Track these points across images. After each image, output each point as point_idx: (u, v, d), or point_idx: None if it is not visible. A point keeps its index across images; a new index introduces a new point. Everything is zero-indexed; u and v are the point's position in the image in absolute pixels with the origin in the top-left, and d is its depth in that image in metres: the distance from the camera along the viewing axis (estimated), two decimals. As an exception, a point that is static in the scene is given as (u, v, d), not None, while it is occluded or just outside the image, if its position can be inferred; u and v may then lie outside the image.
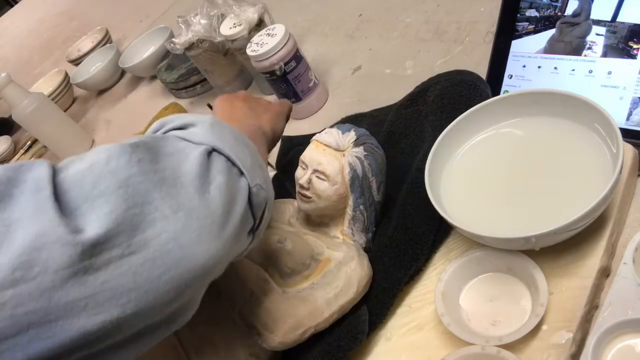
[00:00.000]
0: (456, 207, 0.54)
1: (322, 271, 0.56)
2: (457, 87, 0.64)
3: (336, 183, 0.57)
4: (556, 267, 0.50)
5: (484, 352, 0.46)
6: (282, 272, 0.55)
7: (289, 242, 0.56)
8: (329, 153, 0.57)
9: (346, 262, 0.56)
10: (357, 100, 0.88)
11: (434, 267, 0.57)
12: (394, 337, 0.55)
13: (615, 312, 0.45)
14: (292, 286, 0.55)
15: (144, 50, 1.34)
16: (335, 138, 0.58)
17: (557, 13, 0.61)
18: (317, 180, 0.57)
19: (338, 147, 0.57)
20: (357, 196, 0.58)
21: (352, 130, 0.59)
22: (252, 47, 0.83)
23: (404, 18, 0.97)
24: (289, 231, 0.59)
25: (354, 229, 0.59)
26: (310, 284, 0.55)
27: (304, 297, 0.53)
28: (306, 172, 0.58)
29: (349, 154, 0.57)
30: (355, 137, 0.58)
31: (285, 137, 0.83)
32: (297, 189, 0.58)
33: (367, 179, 0.58)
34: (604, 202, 0.46)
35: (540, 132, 0.55)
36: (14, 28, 2.61)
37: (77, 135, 1.28)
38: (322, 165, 0.57)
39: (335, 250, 0.57)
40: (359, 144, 0.58)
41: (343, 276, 0.55)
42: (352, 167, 0.57)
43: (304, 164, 0.59)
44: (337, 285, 0.54)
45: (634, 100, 0.56)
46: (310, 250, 0.57)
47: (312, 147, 0.59)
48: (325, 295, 0.54)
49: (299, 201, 0.59)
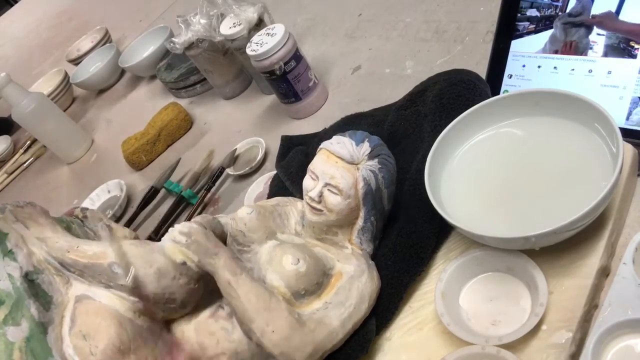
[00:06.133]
0: (456, 207, 0.54)
1: (334, 287, 0.55)
2: (456, 87, 0.64)
3: (349, 197, 0.55)
4: (556, 266, 0.50)
5: (483, 352, 0.46)
6: (295, 294, 0.54)
7: (302, 263, 0.54)
8: (342, 166, 0.54)
9: (357, 276, 0.55)
10: (356, 100, 0.88)
11: (434, 267, 0.57)
12: (394, 337, 0.55)
13: (615, 312, 0.45)
14: (306, 307, 0.54)
15: (143, 50, 1.34)
16: (349, 150, 0.55)
17: (557, 13, 0.61)
18: (329, 193, 0.55)
19: (352, 161, 0.55)
20: (369, 209, 0.56)
21: (366, 140, 0.56)
22: (252, 47, 0.83)
23: (403, 18, 0.97)
24: (300, 247, 0.57)
25: (363, 238, 0.58)
26: (324, 303, 0.54)
27: (319, 319, 0.52)
28: (317, 183, 0.55)
29: (364, 167, 0.55)
30: (370, 149, 0.55)
31: (285, 137, 0.83)
32: (307, 200, 0.56)
33: (379, 192, 0.56)
34: (604, 202, 0.46)
35: (540, 132, 0.55)
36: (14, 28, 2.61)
37: (77, 135, 1.28)
38: (335, 180, 0.54)
39: (346, 264, 0.56)
40: (373, 157, 0.55)
41: (355, 292, 0.54)
42: (366, 181, 0.55)
43: (314, 174, 0.56)
44: (350, 303, 0.54)
45: (634, 99, 0.56)
46: (322, 266, 0.55)
47: (323, 157, 0.56)
48: (340, 316, 0.53)
49: (307, 212, 0.57)
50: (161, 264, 0.53)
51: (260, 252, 0.57)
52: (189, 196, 0.89)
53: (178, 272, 0.53)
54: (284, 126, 0.93)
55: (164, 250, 0.54)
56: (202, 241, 0.54)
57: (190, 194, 0.89)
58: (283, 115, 0.95)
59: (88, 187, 1.09)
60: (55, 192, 1.22)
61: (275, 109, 0.98)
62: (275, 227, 0.59)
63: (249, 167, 0.87)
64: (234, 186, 0.89)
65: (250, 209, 0.58)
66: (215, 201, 0.89)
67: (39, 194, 1.25)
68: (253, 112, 1.01)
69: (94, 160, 1.23)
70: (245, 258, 0.58)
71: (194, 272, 0.54)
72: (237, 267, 0.53)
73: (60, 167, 1.29)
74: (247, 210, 0.58)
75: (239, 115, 1.04)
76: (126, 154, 1.06)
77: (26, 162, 1.39)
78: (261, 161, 0.88)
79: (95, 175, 1.17)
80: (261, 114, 1.00)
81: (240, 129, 1.00)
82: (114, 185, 1.03)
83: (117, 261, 0.52)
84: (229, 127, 1.03)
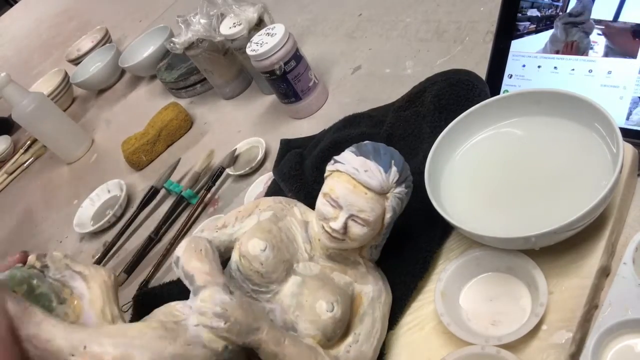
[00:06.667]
0: (456, 207, 0.54)
1: (358, 314, 0.53)
2: (455, 88, 0.64)
3: (376, 228, 0.51)
4: (556, 267, 0.50)
5: (483, 352, 0.46)
6: (331, 338, 0.51)
7: (337, 308, 0.50)
8: (371, 197, 0.49)
9: (377, 297, 0.54)
10: (356, 99, 0.88)
11: (434, 267, 0.57)
12: (393, 336, 0.55)
13: (615, 312, 0.45)
14: (337, 344, 0.52)
15: (143, 50, 1.34)
16: (380, 181, 0.49)
17: (558, 12, 0.61)
18: (353, 224, 0.50)
19: (382, 191, 0.50)
20: (389, 230, 0.55)
21: (393, 164, 0.50)
22: (252, 47, 0.83)
23: (403, 18, 0.97)
24: (328, 285, 0.53)
25: (374, 251, 0.57)
26: (354, 335, 0.52)
27: (355, 357, 0.51)
28: (338, 213, 0.50)
29: (393, 196, 0.50)
30: (398, 176, 0.50)
31: (284, 140, 0.83)
32: (326, 229, 0.51)
33: (400, 211, 0.54)
34: (604, 202, 0.46)
35: (540, 131, 0.55)
36: (14, 28, 2.61)
37: (77, 135, 1.28)
38: (364, 213, 0.49)
39: (364, 284, 0.54)
40: (401, 182, 0.51)
41: (379, 315, 0.53)
42: (394, 210, 0.51)
43: (335, 202, 0.50)
44: (376, 329, 0.53)
45: (634, 99, 0.56)
46: (349, 299, 0.53)
47: (349, 187, 0.50)
48: (371, 346, 0.52)
49: (324, 239, 0.52)
50: (202, 359, 0.45)
51: (282, 292, 0.52)
52: (189, 196, 0.89)
53: (221, 359, 0.46)
54: (284, 126, 0.93)
55: (202, 341, 0.45)
56: (243, 320, 0.46)
57: (191, 194, 0.89)
58: (283, 115, 0.95)
59: (88, 187, 1.09)
60: (55, 192, 1.22)
61: (275, 109, 0.98)
62: (291, 257, 0.54)
63: (249, 167, 0.87)
64: (234, 186, 0.89)
65: (263, 243, 0.52)
66: (215, 201, 0.89)
67: (39, 194, 1.25)
68: (253, 112, 1.01)
69: (94, 160, 1.23)
70: (263, 298, 0.53)
71: (237, 351, 0.48)
72: (279, 335, 0.48)
73: (60, 167, 1.29)
74: (260, 246, 0.52)
75: (239, 115, 1.04)
76: (126, 154, 1.06)
77: (26, 162, 1.40)
78: (261, 161, 0.88)
79: (95, 175, 1.17)
80: (261, 114, 1.00)
81: (240, 129, 1.00)
82: (114, 185, 1.03)
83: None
84: (229, 127, 1.03)
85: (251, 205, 0.59)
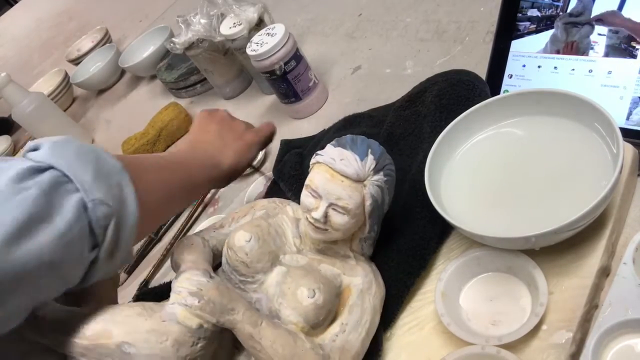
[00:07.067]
0: (456, 207, 0.54)
1: (346, 305, 0.53)
2: (455, 87, 0.64)
3: (356, 216, 0.52)
4: (556, 266, 0.50)
5: (483, 352, 0.46)
6: (314, 325, 0.51)
7: (318, 294, 0.51)
8: (349, 185, 0.50)
9: (367, 288, 0.54)
10: (356, 99, 0.88)
11: (434, 267, 0.57)
12: (393, 336, 0.55)
13: (615, 312, 0.45)
14: (324, 333, 0.52)
15: (143, 50, 1.34)
16: (356, 169, 0.50)
17: (558, 12, 0.61)
18: (334, 213, 0.51)
19: (359, 179, 0.51)
20: (375, 221, 0.55)
21: (370, 153, 0.52)
22: (252, 47, 0.83)
23: (403, 18, 0.98)
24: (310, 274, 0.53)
25: (365, 245, 0.57)
26: (341, 325, 0.52)
27: (341, 347, 0.51)
28: (319, 202, 0.51)
29: (370, 183, 0.51)
30: (375, 163, 0.51)
31: (284, 141, 0.83)
32: (309, 219, 0.52)
33: (384, 202, 0.54)
34: (604, 202, 0.46)
35: (540, 131, 0.55)
36: (14, 28, 2.61)
37: (77, 135, 1.28)
38: (342, 201, 0.50)
39: (353, 276, 0.54)
40: (378, 170, 0.52)
41: (368, 307, 0.53)
42: (374, 198, 0.52)
43: (315, 192, 0.51)
44: (365, 320, 0.52)
45: (634, 99, 0.56)
46: (335, 289, 0.53)
47: (327, 176, 0.51)
48: (359, 337, 0.52)
49: (310, 231, 0.53)
50: (177, 335, 0.47)
51: (267, 281, 0.54)
52: (189, 196, 0.89)
53: (196, 337, 0.47)
54: (284, 126, 0.93)
55: (177, 318, 0.47)
56: (217, 299, 0.48)
57: (190, 194, 0.89)
58: (283, 115, 0.95)
59: (88, 187, 1.09)
60: (55, 192, 1.21)
61: (275, 109, 0.98)
62: (277, 249, 0.55)
63: (249, 167, 0.87)
64: (234, 186, 0.89)
65: (248, 234, 0.54)
66: (215, 201, 0.89)
67: (39, 194, 1.25)
68: (253, 112, 1.01)
69: (94, 160, 1.23)
70: (250, 288, 0.54)
71: (212, 331, 0.49)
72: (256, 317, 0.49)
73: (60, 167, 1.28)
74: (244, 237, 0.54)
75: (239, 115, 1.02)
76: (126, 154, 1.06)
77: (26, 162, 1.39)
78: (261, 161, 0.88)
79: (95, 175, 1.16)
80: (261, 114, 1.00)
81: (241, 129, 1.00)
82: (114, 185, 1.03)
83: (127, 340, 0.45)
84: (229, 127, 1.03)
85: (247, 207, 0.62)
